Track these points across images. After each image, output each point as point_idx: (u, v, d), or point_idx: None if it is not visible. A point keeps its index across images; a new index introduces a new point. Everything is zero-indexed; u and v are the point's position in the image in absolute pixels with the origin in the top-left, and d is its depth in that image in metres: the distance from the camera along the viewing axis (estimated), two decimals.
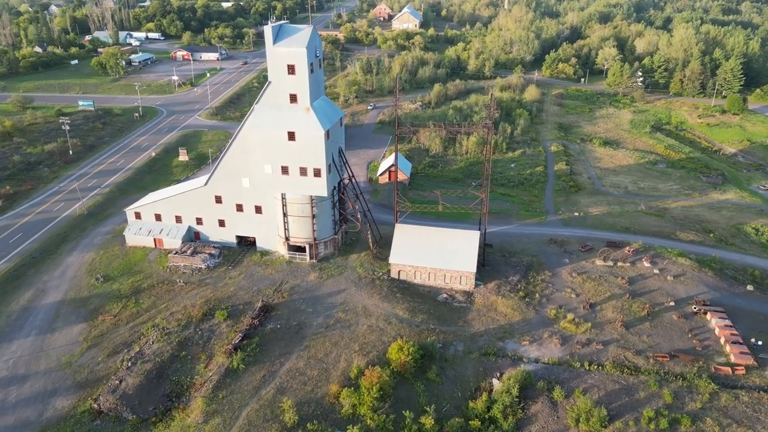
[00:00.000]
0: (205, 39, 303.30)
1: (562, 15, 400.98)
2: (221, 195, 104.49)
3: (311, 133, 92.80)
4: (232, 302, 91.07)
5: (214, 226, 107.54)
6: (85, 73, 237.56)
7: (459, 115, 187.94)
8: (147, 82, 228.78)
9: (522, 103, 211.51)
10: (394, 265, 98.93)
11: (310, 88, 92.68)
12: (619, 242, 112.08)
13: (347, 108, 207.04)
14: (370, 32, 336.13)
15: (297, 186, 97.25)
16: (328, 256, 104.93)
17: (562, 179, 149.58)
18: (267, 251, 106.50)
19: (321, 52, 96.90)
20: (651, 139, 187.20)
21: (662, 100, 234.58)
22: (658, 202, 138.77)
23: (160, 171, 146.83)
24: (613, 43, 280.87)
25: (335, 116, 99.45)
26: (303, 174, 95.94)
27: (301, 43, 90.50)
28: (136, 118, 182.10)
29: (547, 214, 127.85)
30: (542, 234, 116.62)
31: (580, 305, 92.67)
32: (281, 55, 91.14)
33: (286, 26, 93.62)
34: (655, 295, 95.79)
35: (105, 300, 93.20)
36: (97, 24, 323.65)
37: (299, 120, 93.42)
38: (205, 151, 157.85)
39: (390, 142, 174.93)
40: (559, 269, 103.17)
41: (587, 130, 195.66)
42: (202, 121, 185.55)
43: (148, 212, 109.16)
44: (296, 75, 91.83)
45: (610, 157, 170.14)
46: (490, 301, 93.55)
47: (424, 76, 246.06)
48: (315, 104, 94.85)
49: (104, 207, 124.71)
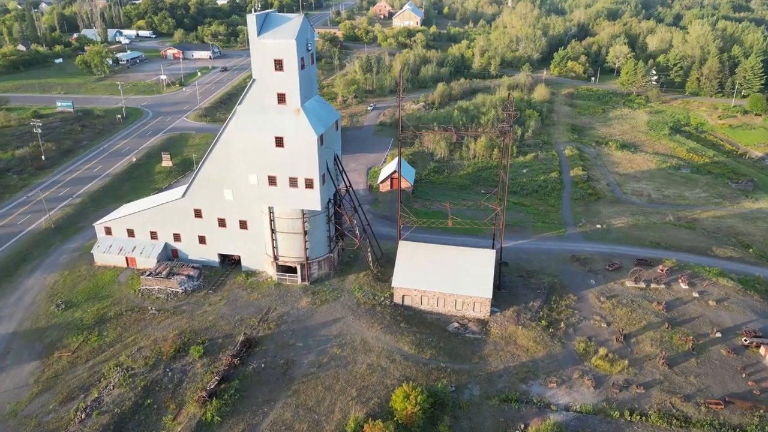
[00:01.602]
0: (197, 37, 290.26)
1: (568, 12, 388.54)
2: (201, 208, 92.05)
3: (302, 139, 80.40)
4: (211, 335, 78.59)
5: (193, 243, 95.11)
6: (69, 73, 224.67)
7: (465, 116, 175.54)
8: (134, 82, 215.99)
9: (531, 104, 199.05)
10: (397, 289, 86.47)
11: (301, 86, 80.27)
12: (650, 260, 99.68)
13: (346, 109, 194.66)
14: (370, 30, 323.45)
15: (286, 199, 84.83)
16: (323, 277, 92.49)
17: (579, 186, 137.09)
18: (253, 271, 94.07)
19: (313, 46, 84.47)
20: (671, 141, 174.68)
21: (678, 99, 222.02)
22: (686, 212, 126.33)
23: (140, 178, 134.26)
24: (624, 41, 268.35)
25: (330, 119, 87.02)
26: (293, 185, 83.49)
27: (290, 34, 78.10)
28: (118, 120, 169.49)
29: (566, 226, 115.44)
30: (563, 250, 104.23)
31: (613, 337, 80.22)
32: (267, 49, 78.72)
33: (272, 15, 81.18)
34: (698, 324, 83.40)
35: (64, 331, 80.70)
36: (86, 21, 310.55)
37: (288, 123, 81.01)
38: (191, 155, 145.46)
39: (391, 146, 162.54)
40: (584, 292, 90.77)
41: (602, 132, 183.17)
42: (189, 123, 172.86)
43: (119, 227, 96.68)
44: (284, 71, 79.39)
45: (629, 162, 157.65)
46: (508, 332, 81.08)
47: (427, 75, 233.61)
48: (306, 105, 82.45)
49: (74, 220, 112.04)
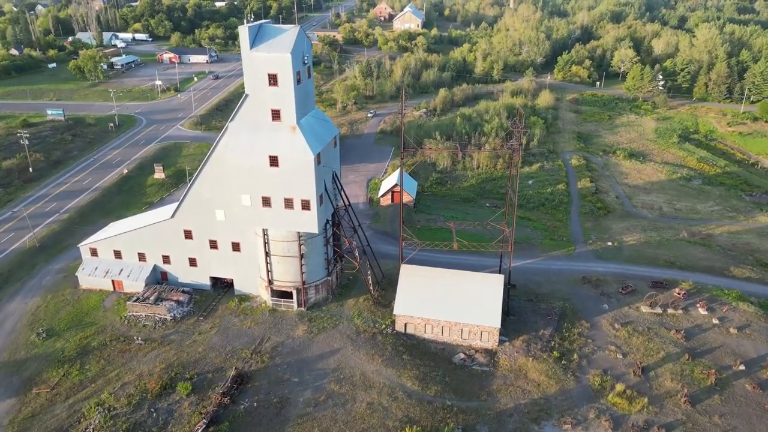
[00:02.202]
0: (194, 40, 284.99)
1: (571, 14, 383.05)
2: (191, 229, 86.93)
3: (298, 158, 75.35)
4: (200, 368, 73.50)
5: (183, 265, 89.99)
6: (62, 78, 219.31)
7: (468, 125, 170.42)
8: (128, 87, 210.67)
9: (536, 110, 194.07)
10: (399, 317, 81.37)
11: (297, 102, 75.25)
12: (666, 282, 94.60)
13: (345, 116, 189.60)
14: (371, 33, 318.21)
15: (281, 221, 79.78)
16: (320, 302, 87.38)
17: (587, 199, 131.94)
18: (246, 296, 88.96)
19: (310, 58, 79.34)
20: (680, 150, 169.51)
21: (686, 105, 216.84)
22: (700, 227, 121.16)
23: (131, 191, 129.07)
24: (628, 44, 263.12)
25: (328, 135, 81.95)
26: (288, 206, 78.45)
27: (285, 47, 73.03)
28: (110, 128, 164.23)
29: (575, 243, 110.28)
30: (573, 270, 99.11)
31: (630, 370, 75.14)
32: (260, 63, 73.67)
33: (266, 27, 76.09)
34: (720, 355, 78.29)
35: (44, 364, 75.64)
36: (81, 25, 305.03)
37: (283, 142, 75.94)
38: (185, 166, 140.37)
39: (392, 156, 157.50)
40: (597, 318, 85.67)
41: (609, 140, 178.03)
42: (184, 131, 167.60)
43: (105, 248, 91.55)
44: (279, 87, 74.34)
45: (637, 172, 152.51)
46: (518, 364, 75.99)
47: (428, 80, 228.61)
48: (303, 122, 77.40)
49: (60, 237, 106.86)
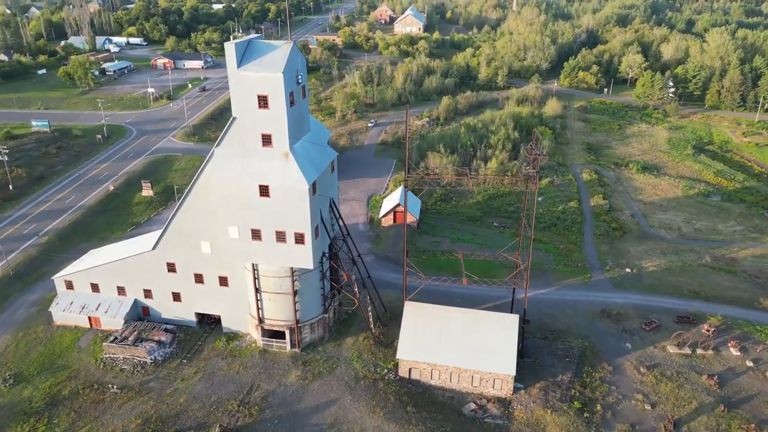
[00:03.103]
0: (190, 45, 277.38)
1: (575, 17, 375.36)
2: (174, 262, 79.45)
3: (291, 188, 67.84)
4: (181, 424, 65.92)
5: (167, 300, 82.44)
6: (51, 85, 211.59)
7: (473, 136, 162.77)
8: (120, 95, 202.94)
9: (543, 119, 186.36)
10: (403, 362, 73.82)
11: (290, 126, 67.72)
12: (693, 316, 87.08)
13: (345, 126, 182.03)
14: (371, 37, 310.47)
15: (273, 255, 72.30)
16: (316, 341, 79.81)
17: (601, 218, 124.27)
18: (235, 333, 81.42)
19: (305, 77, 71.80)
20: (695, 162, 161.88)
21: (698, 114, 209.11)
22: (723, 249, 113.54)
23: (117, 210, 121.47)
24: (637, 49, 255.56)
25: (324, 160, 74.40)
26: (280, 240, 70.96)
27: (277, 66, 65.51)
28: (98, 140, 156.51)
29: (591, 270, 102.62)
30: (590, 301, 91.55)
31: (660, 424, 67.55)
32: (249, 83, 66.18)
33: (255, 43, 68.50)
34: (758, 405, 70.71)
35: (9, 417, 68.04)
36: (74, 29, 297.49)
37: (275, 169, 68.45)
38: (176, 182, 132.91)
39: (394, 169, 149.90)
40: (620, 360, 78.12)
41: (620, 152, 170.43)
42: (175, 143, 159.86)
43: (82, 281, 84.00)
44: (270, 109, 66.85)
45: (652, 187, 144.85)
46: (535, 417, 68.43)
47: (431, 87, 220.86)
48: (297, 147, 69.89)
49: (37, 264, 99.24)
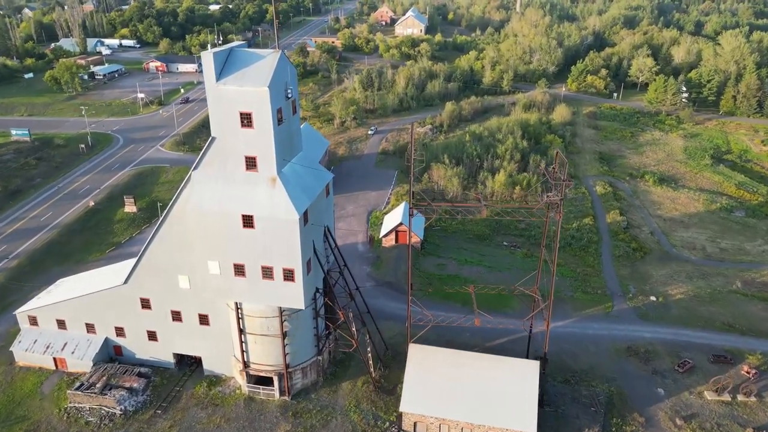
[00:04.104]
0: (184, 47, 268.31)
1: (580, 19, 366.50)
2: (149, 298, 70.55)
3: (279, 219, 58.92)
4: None
5: (141, 339, 73.49)
6: (37, 90, 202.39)
7: (479, 145, 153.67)
8: (108, 101, 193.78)
9: (552, 127, 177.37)
10: (407, 415, 64.89)
11: (278, 147, 58.83)
12: (729, 355, 78.12)
13: (344, 133, 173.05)
14: (371, 39, 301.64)
15: (258, 294, 63.38)
16: (308, 387, 70.82)
17: (619, 237, 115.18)
18: (218, 377, 72.52)
19: (295, 90, 62.81)
20: (715, 173, 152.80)
21: (713, 120, 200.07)
22: (752, 272, 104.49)
23: (97, 228, 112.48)
24: (647, 52, 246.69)
25: (318, 184, 65.41)
26: (267, 276, 62.05)
27: (262, 79, 56.59)
28: (81, 150, 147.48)
29: (613, 297, 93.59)
30: (614, 337, 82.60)
31: None
32: (230, 99, 57.31)
33: (237, 52, 59.52)
34: None
35: None
36: (65, 30, 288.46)
37: (260, 197, 59.55)
38: (162, 196, 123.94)
39: (395, 181, 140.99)
40: (653, 409, 69.18)
41: (634, 162, 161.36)
42: (164, 153, 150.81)
43: (47, 317, 75.03)
44: (254, 129, 57.98)
45: (671, 201, 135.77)
46: None
47: (434, 92, 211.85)
48: (286, 171, 60.96)
49: (4, 293, 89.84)
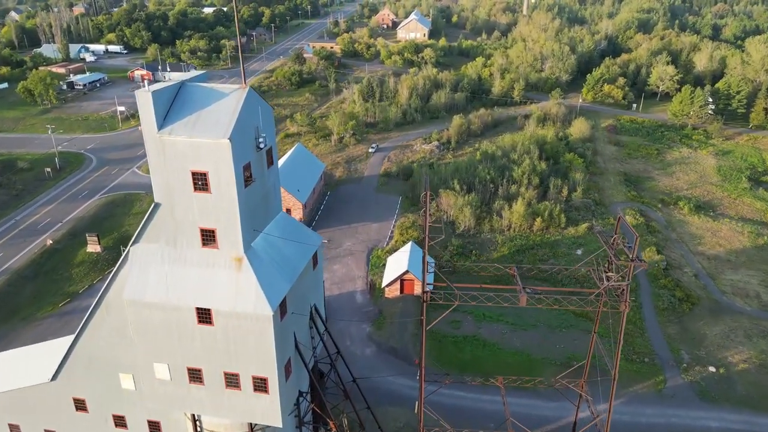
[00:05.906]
0: (173, 53, 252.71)
1: (590, 22, 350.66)
2: (84, 398, 54.79)
3: (247, 314, 43.10)
4: None
5: None
6: (9, 102, 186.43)
7: (492, 167, 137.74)
8: (85, 114, 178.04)
9: (570, 144, 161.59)
10: None
11: (245, 216, 43.05)
12: None
13: (342, 152, 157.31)
14: (372, 44, 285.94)
15: (220, 405, 47.58)
16: None
17: (660, 282, 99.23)
18: None
19: (271, 135, 46.80)
20: (755, 199, 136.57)
21: (743, 135, 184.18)
22: None
23: (52, 274, 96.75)
24: (666, 59, 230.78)
25: (302, 258, 49.48)
26: (232, 385, 46.32)
27: (221, 127, 40.80)
28: (47, 174, 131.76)
29: (663, 367, 77.72)
30: (673, 426, 66.90)
31: None
32: (178, 153, 41.56)
33: (190, 88, 43.57)
34: None
35: None
36: (48, 35, 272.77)
37: (221, 284, 43.75)
38: (132, 231, 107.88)
39: (399, 209, 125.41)
40: None
41: (664, 184, 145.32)
42: (140, 176, 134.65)
43: None
44: (212, 193, 42.34)
45: (712, 235, 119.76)
46: None
47: (439, 103, 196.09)
48: (257, 245, 45.17)
49: None
